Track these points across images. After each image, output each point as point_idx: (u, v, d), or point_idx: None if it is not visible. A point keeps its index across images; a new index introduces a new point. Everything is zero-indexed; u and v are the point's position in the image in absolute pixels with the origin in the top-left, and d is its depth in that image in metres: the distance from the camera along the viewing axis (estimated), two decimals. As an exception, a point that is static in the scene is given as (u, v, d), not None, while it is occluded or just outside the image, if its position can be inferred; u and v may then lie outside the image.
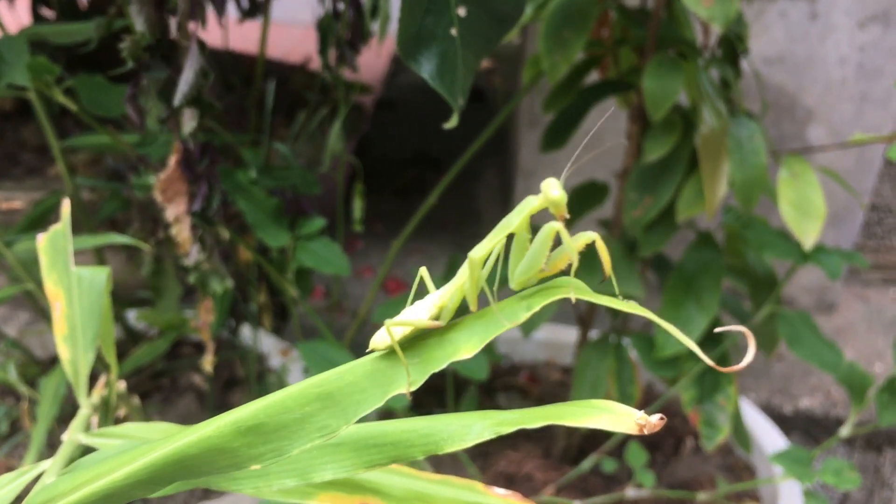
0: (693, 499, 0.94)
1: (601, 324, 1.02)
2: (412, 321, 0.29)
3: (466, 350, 0.28)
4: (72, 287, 0.49)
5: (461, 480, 0.36)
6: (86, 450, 0.42)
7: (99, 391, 0.52)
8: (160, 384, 1.12)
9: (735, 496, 0.99)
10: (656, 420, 0.26)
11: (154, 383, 1.12)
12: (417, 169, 2.07)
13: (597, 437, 1.05)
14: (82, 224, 0.95)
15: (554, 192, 0.28)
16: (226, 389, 1.12)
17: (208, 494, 0.91)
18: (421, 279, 0.33)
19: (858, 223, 1.45)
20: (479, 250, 0.29)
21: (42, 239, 0.51)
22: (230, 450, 0.26)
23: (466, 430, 0.27)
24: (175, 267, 0.93)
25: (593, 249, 0.31)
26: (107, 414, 0.54)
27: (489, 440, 0.27)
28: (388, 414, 0.94)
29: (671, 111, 0.81)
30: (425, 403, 1.14)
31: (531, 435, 1.09)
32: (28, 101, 0.83)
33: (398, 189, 1.97)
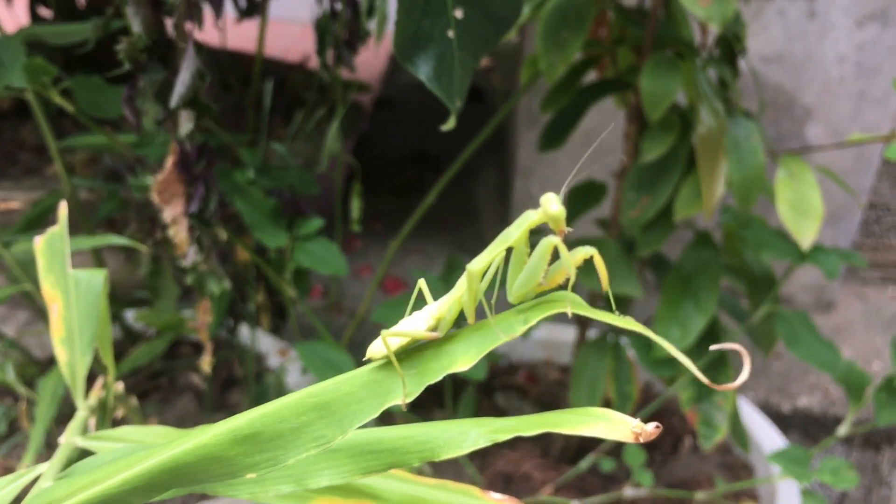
0: (691, 498, 0.94)
1: (599, 323, 1.02)
2: (409, 332, 0.29)
3: (463, 362, 0.28)
4: (69, 289, 0.49)
5: (457, 485, 0.36)
6: (83, 452, 0.42)
7: (96, 393, 0.52)
8: (159, 384, 1.12)
9: (733, 495, 0.99)
10: (652, 428, 0.26)
11: (152, 383, 1.12)
12: (416, 168, 2.07)
13: (595, 437, 1.05)
14: (80, 224, 0.95)
15: (553, 208, 0.28)
16: (224, 389, 1.12)
17: (206, 496, 0.91)
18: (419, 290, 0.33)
19: (857, 221, 1.45)
20: (478, 263, 0.29)
21: (39, 241, 0.51)
22: (226, 458, 0.26)
23: (463, 437, 0.27)
24: (173, 268, 0.93)
25: (593, 244, 0.31)
26: (104, 416, 0.54)
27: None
28: (387, 415, 0.94)
29: (669, 111, 0.81)
30: (424, 403, 1.14)
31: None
32: (26, 101, 0.83)
33: (397, 188, 1.96)
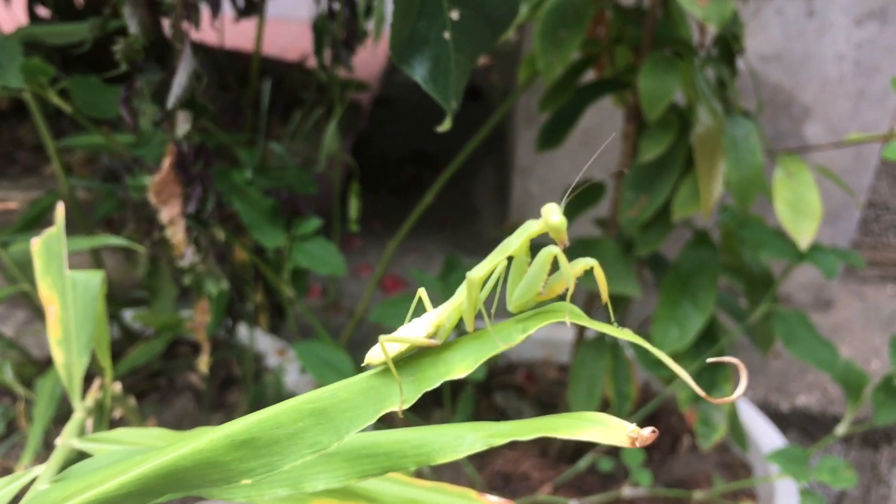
0: (690, 497, 0.94)
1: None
2: (407, 338, 0.29)
3: (460, 370, 0.28)
4: (66, 291, 0.49)
5: (454, 488, 0.36)
6: (80, 454, 0.42)
7: (93, 394, 0.52)
8: (157, 384, 1.12)
9: (732, 494, 0.99)
10: (648, 433, 0.26)
11: (151, 383, 1.12)
12: (415, 167, 2.07)
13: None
14: (78, 224, 0.94)
15: (554, 218, 0.28)
16: (222, 389, 1.12)
17: (202, 498, 0.91)
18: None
19: (855, 220, 1.45)
20: (479, 271, 0.29)
21: (36, 243, 0.51)
22: (222, 464, 0.26)
23: (459, 442, 0.27)
24: (170, 268, 0.93)
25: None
26: (101, 417, 0.53)
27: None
28: (386, 415, 0.94)
29: (667, 110, 0.81)
30: (422, 403, 1.13)
31: (528, 433, 1.09)
32: (24, 101, 0.83)
33: (395, 187, 1.96)
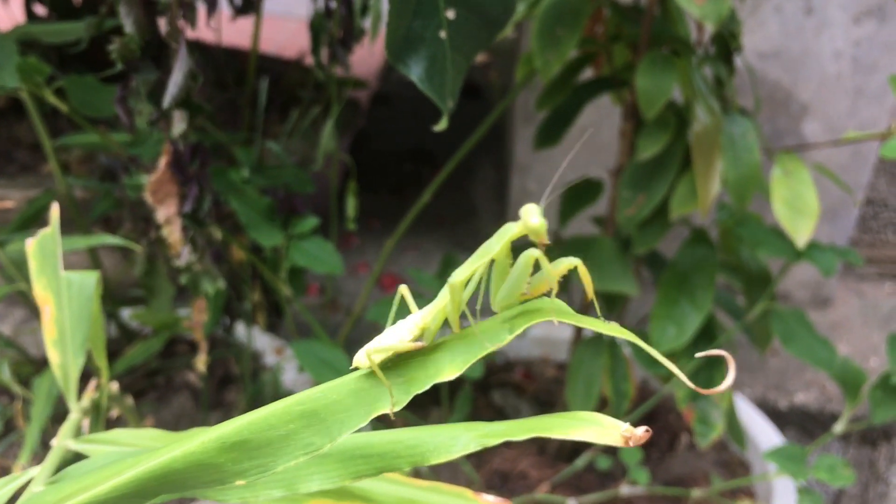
0: (687, 495, 0.94)
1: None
2: (394, 346, 0.29)
3: (449, 372, 0.28)
4: (61, 291, 0.48)
5: (450, 487, 0.36)
6: (77, 455, 0.42)
7: (90, 395, 0.52)
8: (155, 382, 1.12)
9: (730, 493, 1.00)
10: (641, 432, 0.26)
11: (149, 381, 1.12)
12: (413, 164, 2.07)
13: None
14: (75, 222, 0.94)
15: (533, 220, 0.28)
16: (220, 387, 1.12)
17: (197, 499, 0.91)
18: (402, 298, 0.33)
19: (854, 218, 1.45)
20: (460, 274, 0.29)
21: (31, 243, 0.51)
22: (215, 465, 0.26)
23: (453, 442, 0.27)
24: (168, 267, 0.93)
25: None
26: (98, 417, 0.53)
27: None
28: (382, 415, 0.94)
29: (665, 109, 0.81)
30: (420, 401, 1.13)
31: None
32: (22, 99, 0.83)
33: (394, 185, 1.96)
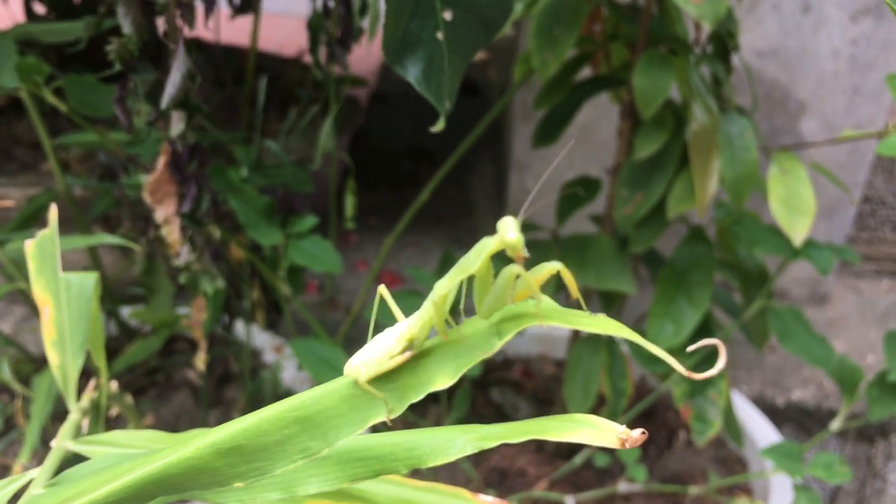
0: (685, 493, 0.95)
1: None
2: (382, 362, 0.29)
3: (442, 381, 0.28)
4: (60, 293, 0.49)
5: (448, 488, 0.36)
6: (76, 455, 0.43)
7: (89, 395, 0.52)
8: (155, 380, 1.13)
9: (727, 490, 1.00)
10: (638, 434, 0.27)
11: (149, 379, 1.12)
12: (412, 162, 2.07)
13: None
14: (75, 220, 0.95)
15: (510, 235, 0.27)
16: (220, 385, 1.13)
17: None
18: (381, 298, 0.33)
19: (851, 215, 1.46)
20: (442, 288, 0.29)
21: (30, 245, 0.51)
22: (212, 469, 0.26)
23: (449, 445, 0.27)
24: (167, 266, 0.93)
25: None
26: (97, 417, 0.54)
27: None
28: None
29: (662, 108, 0.81)
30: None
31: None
32: (21, 98, 0.83)
33: (393, 182, 1.96)
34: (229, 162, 0.94)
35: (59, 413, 0.87)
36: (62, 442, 0.41)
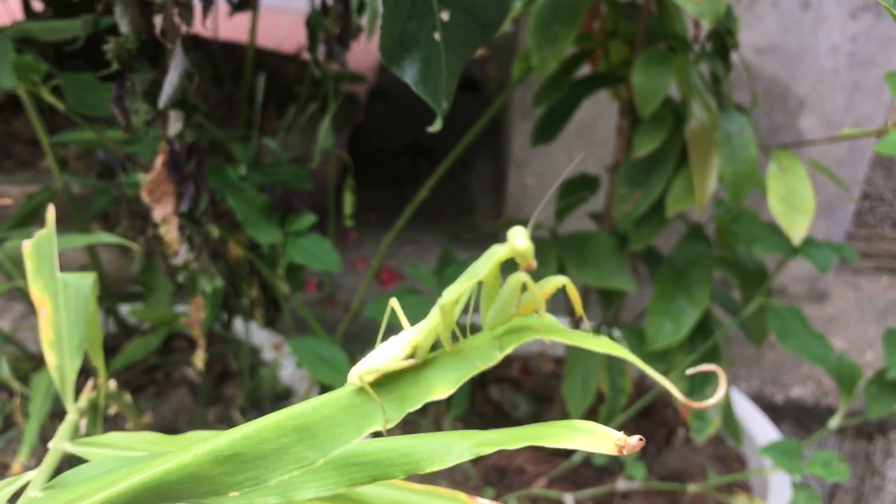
0: (684, 490, 0.95)
1: (593, 316, 1.02)
2: (385, 367, 0.29)
3: (441, 390, 0.28)
4: (58, 293, 0.49)
5: (445, 491, 0.36)
6: (74, 456, 0.43)
7: (87, 395, 0.52)
8: (154, 378, 1.13)
9: (726, 487, 1.00)
10: (635, 441, 0.26)
11: (148, 377, 1.12)
12: (411, 159, 2.07)
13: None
14: (73, 218, 0.94)
15: (520, 243, 0.27)
16: (219, 383, 1.13)
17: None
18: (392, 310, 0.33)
19: (850, 212, 1.46)
20: (450, 295, 0.29)
21: (27, 245, 0.51)
22: (209, 477, 0.26)
23: (446, 451, 0.27)
24: (166, 264, 0.93)
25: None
26: (95, 417, 0.54)
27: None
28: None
29: (661, 105, 0.81)
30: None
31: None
32: (19, 95, 0.83)
33: (392, 179, 1.96)
34: (228, 160, 0.94)
35: (59, 411, 0.87)
36: (59, 443, 0.41)
